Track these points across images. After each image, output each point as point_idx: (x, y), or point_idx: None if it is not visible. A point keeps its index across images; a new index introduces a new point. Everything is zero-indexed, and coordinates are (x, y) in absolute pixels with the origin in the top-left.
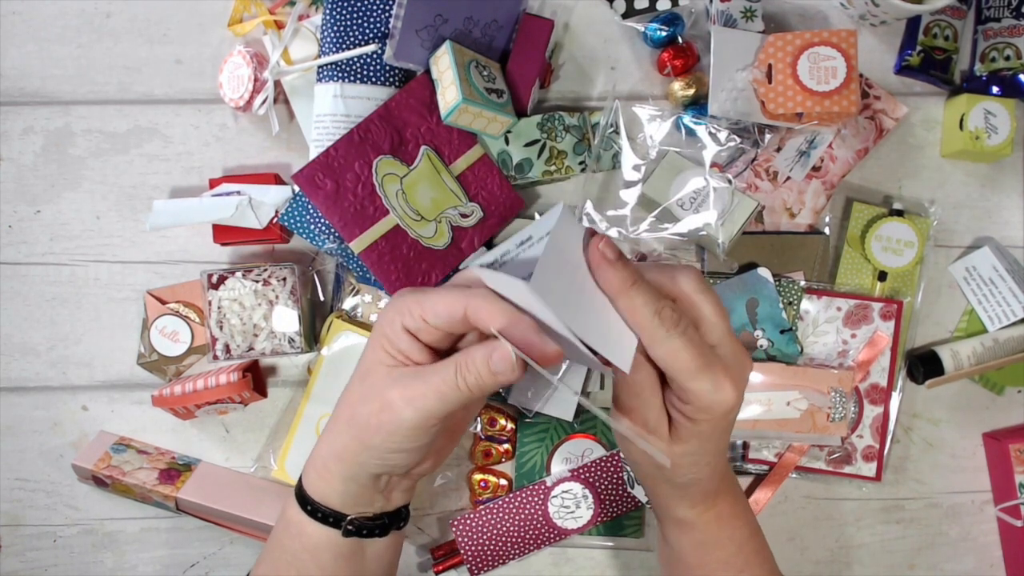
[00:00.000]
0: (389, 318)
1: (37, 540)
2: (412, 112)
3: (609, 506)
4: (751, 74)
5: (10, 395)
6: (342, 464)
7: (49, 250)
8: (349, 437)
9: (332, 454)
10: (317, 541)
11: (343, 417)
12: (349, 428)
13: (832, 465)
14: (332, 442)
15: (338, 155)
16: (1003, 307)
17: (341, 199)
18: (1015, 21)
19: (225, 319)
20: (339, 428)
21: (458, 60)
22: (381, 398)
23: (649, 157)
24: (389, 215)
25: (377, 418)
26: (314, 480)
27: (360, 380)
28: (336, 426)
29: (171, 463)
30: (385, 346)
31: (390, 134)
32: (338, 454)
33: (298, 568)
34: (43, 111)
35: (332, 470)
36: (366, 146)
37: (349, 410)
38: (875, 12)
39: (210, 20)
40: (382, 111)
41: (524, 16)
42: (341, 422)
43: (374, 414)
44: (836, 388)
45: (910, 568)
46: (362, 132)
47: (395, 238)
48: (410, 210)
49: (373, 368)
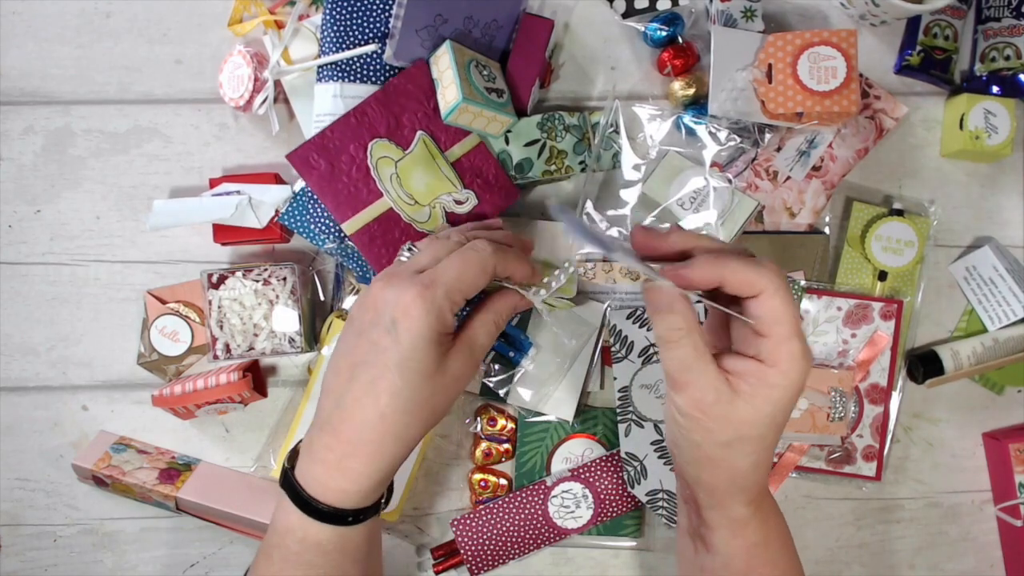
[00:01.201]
0: (431, 320)
1: (37, 540)
2: (410, 97)
3: (609, 506)
4: (751, 74)
5: (10, 395)
6: (381, 460)
7: (49, 250)
8: (414, 429)
9: (371, 454)
10: (320, 539)
11: (398, 413)
12: (415, 421)
13: (832, 465)
14: (373, 441)
15: (333, 136)
16: (1003, 307)
17: (335, 180)
18: (1015, 21)
19: (225, 319)
20: (391, 423)
21: (458, 59)
22: (458, 372)
23: (649, 157)
24: (383, 198)
25: (451, 393)
26: (326, 479)
27: (414, 376)
28: (385, 424)
29: (171, 463)
30: (435, 340)
31: (387, 117)
32: (379, 452)
33: (304, 568)
34: (43, 111)
35: (360, 467)
36: (362, 128)
37: (421, 406)
38: (875, 12)
39: (210, 20)
40: (380, 94)
41: (524, 16)
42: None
43: (449, 386)
44: (836, 388)
45: (910, 568)
46: (359, 114)
47: (388, 221)
48: (404, 194)
49: (425, 362)
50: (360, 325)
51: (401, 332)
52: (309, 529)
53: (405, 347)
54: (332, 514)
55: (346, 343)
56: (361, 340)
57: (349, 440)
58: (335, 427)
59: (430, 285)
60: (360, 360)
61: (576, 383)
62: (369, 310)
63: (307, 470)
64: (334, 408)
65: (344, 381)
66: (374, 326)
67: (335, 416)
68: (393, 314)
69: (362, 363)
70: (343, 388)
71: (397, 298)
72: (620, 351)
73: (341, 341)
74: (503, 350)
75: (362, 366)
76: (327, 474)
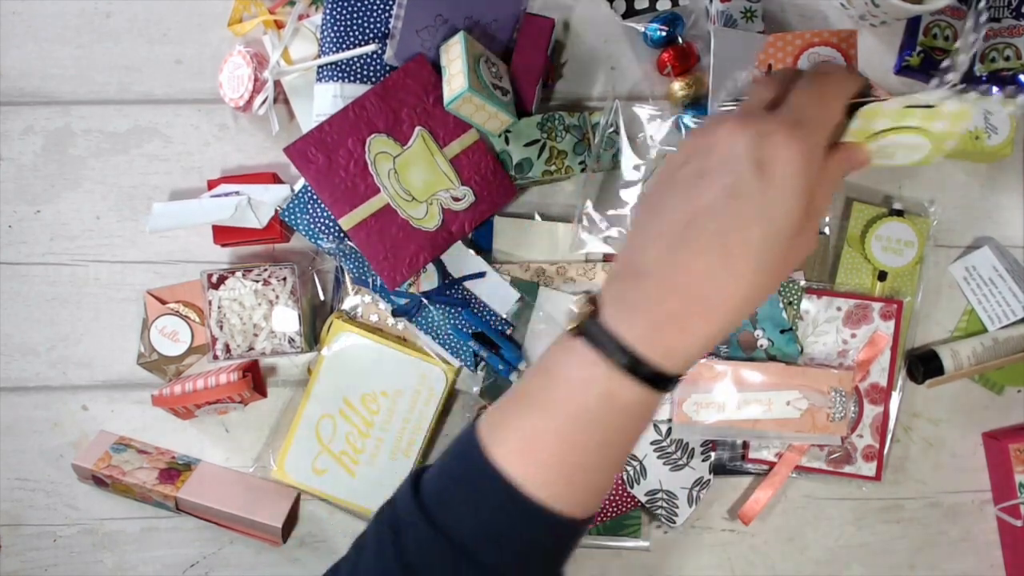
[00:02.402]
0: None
1: (37, 540)
2: (409, 92)
3: (609, 506)
4: (751, 74)
5: (10, 395)
6: (720, 323)
7: (49, 250)
8: (760, 292)
9: (712, 313)
10: (628, 400)
11: (751, 272)
12: (768, 282)
13: (832, 465)
14: (716, 299)
15: (331, 130)
16: (1003, 307)
17: (332, 175)
18: (1015, 21)
19: (225, 319)
20: (742, 282)
21: (469, 51)
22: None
23: (649, 157)
24: (380, 193)
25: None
26: (651, 335)
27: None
28: (736, 283)
29: (171, 463)
30: (808, 189)
31: (385, 113)
32: (721, 313)
33: (597, 430)
34: (43, 111)
35: (698, 327)
36: (360, 123)
37: (776, 266)
38: (875, 12)
39: (210, 20)
40: (379, 89)
41: (524, 16)
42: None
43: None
44: (836, 388)
45: (910, 568)
46: (357, 109)
47: (385, 217)
48: (402, 190)
49: (794, 215)
50: (701, 166)
51: (774, 177)
52: (618, 387)
53: (775, 194)
54: (652, 375)
55: (677, 186)
56: (706, 183)
57: (687, 295)
58: (667, 278)
59: (797, 124)
60: (705, 206)
61: None
62: (714, 151)
63: (623, 320)
64: (664, 256)
65: (678, 227)
66: (726, 170)
67: (666, 266)
68: (758, 155)
69: (707, 210)
70: (676, 235)
71: (761, 138)
72: None
73: (665, 185)
74: (493, 362)
75: (708, 213)
76: (653, 329)
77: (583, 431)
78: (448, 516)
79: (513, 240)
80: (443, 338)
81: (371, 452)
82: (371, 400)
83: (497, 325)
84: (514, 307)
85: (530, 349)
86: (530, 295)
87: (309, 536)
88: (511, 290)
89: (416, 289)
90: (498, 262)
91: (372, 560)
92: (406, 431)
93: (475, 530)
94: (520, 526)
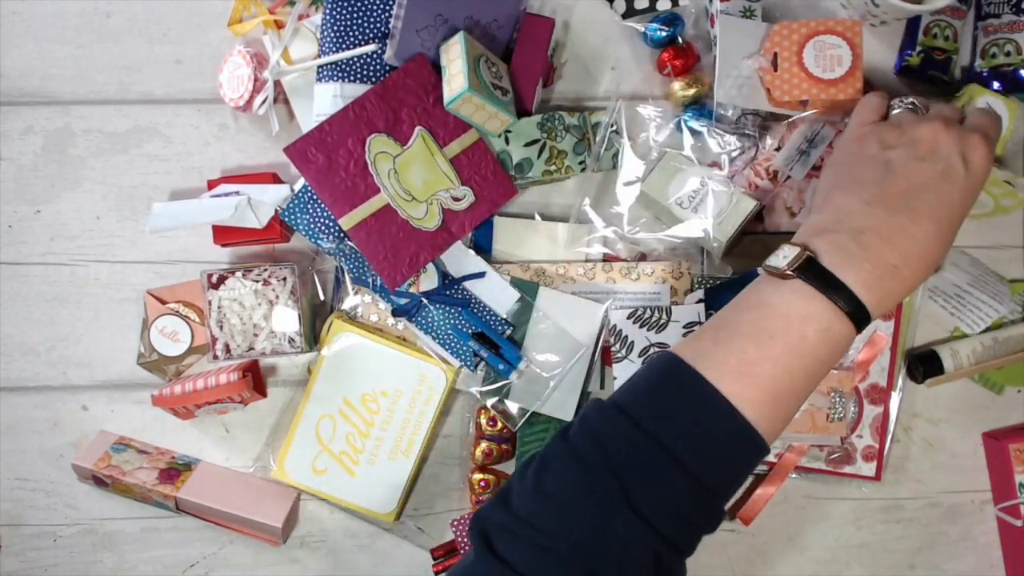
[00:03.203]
0: (991, 163)
1: (37, 540)
2: (409, 92)
3: None
4: (757, 62)
5: (10, 395)
6: (922, 276)
7: (49, 250)
8: (942, 254)
9: (919, 268)
10: (841, 335)
11: (945, 239)
12: (945, 249)
13: (832, 465)
14: (924, 259)
15: (331, 130)
16: (978, 311)
17: (332, 175)
18: (1015, 17)
19: (225, 319)
20: (940, 248)
21: (469, 51)
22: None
23: (650, 157)
24: (380, 193)
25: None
26: (871, 281)
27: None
28: (939, 247)
29: (171, 463)
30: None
31: (385, 112)
32: (925, 268)
33: (811, 360)
34: (43, 111)
35: (908, 278)
36: (360, 123)
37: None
38: (875, 12)
39: (210, 20)
40: (379, 89)
41: (525, 15)
42: (944, 244)
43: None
44: (836, 388)
45: (910, 568)
46: (357, 109)
47: (385, 217)
48: (402, 190)
49: (974, 201)
50: (913, 153)
51: (975, 166)
52: (834, 322)
53: (973, 181)
54: (863, 314)
55: (888, 166)
56: (923, 167)
57: (905, 251)
58: (889, 236)
59: (986, 136)
60: (922, 183)
61: (576, 383)
62: (922, 143)
63: (849, 267)
64: (886, 218)
65: (899, 198)
66: (938, 158)
67: (887, 226)
68: (963, 150)
69: (924, 187)
70: (897, 203)
71: (964, 139)
72: (620, 351)
73: (868, 163)
74: (493, 362)
75: (923, 189)
76: (876, 278)
77: (798, 359)
78: (662, 427)
79: (513, 240)
80: (443, 338)
81: (371, 452)
82: (371, 400)
83: (497, 325)
84: (514, 307)
85: (530, 349)
86: (530, 295)
87: (309, 536)
88: (511, 290)
89: (416, 289)
90: (498, 262)
91: (576, 470)
92: (406, 431)
93: (690, 441)
94: (732, 442)
